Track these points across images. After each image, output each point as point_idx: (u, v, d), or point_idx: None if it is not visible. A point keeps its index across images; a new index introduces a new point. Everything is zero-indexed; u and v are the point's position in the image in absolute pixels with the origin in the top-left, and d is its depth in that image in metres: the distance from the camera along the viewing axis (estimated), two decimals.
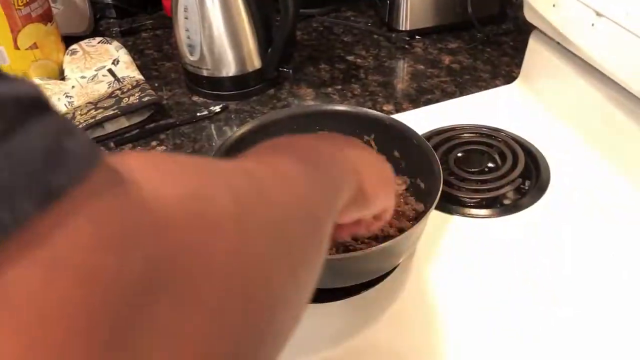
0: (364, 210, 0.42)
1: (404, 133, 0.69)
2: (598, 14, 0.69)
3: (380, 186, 0.43)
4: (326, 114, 0.71)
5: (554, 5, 0.77)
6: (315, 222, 0.27)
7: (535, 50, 0.87)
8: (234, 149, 0.64)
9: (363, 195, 0.40)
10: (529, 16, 0.84)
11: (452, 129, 0.82)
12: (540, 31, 0.84)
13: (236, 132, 0.67)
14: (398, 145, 0.70)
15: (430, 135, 0.81)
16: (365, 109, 0.73)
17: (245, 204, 0.20)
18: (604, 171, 0.75)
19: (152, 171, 0.17)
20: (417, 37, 1.05)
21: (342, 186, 0.36)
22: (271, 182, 0.25)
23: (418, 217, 0.64)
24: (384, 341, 0.57)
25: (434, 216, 0.70)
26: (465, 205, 0.72)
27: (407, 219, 0.65)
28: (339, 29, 1.09)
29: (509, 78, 0.93)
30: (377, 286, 0.62)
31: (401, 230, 0.62)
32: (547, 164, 0.77)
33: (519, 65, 0.91)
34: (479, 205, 0.72)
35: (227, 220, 0.18)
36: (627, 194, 0.71)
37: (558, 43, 0.81)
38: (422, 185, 0.68)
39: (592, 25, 0.70)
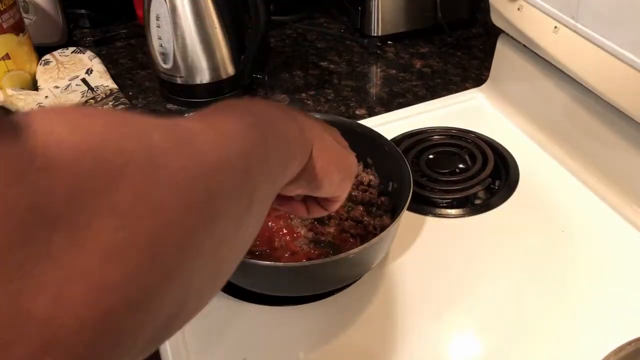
0: (311, 189, 0.43)
1: (375, 140, 0.70)
2: (558, 20, 0.71)
3: (335, 171, 0.44)
4: None
5: (518, 9, 0.79)
6: (246, 180, 0.28)
7: (503, 53, 0.89)
8: None
9: (313, 173, 0.41)
10: (495, 20, 0.86)
11: (423, 131, 0.84)
12: (507, 34, 0.86)
13: None
14: (370, 152, 0.71)
15: (402, 139, 0.83)
16: (337, 117, 0.74)
17: (158, 153, 0.21)
18: (571, 170, 0.77)
19: (56, 122, 0.19)
20: (389, 42, 1.07)
21: (290, 156, 0.36)
22: (202, 136, 0.25)
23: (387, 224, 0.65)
24: (360, 343, 0.58)
25: (407, 217, 0.71)
26: (437, 205, 0.73)
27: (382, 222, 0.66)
28: (312, 36, 1.10)
29: (479, 81, 0.95)
30: (351, 287, 0.63)
31: (382, 228, 0.63)
32: (516, 163, 0.78)
33: (488, 68, 0.94)
34: (450, 205, 0.73)
35: (132, 166, 0.20)
36: (594, 191, 0.73)
37: (524, 46, 0.84)
38: (393, 189, 0.69)
39: (555, 28, 0.73)
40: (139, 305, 0.20)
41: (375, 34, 1.05)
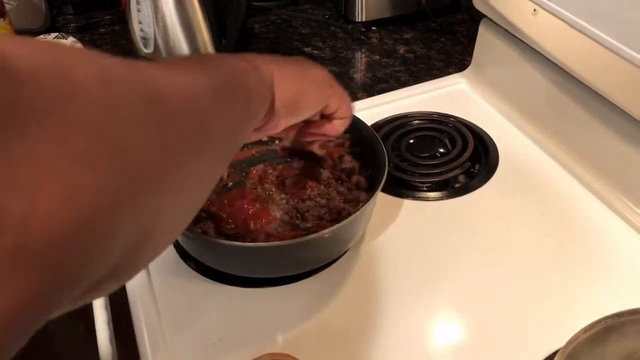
0: (295, 116, 0.46)
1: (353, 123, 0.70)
2: (537, 2, 0.71)
3: (307, 88, 0.47)
4: None
5: None
6: (201, 114, 0.29)
7: (485, 38, 0.89)
8: None
9: (286, 103, 0.43)
10: (477, 4, 0.86)
11: (404, 116, 0.84)
12: (490, 19, 0.86)
13: None
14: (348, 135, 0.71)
15: (383, 124, 0.82)
16: None
17: (114, 73, 0.23)
18: (550, 153, 0.77)
19: (16, 44, 0.20)
20: (373, 28, 1.06)
21: (249, 98, 0.38)
22: (155, 71, 0.27)
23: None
24: (336, 323, 0.58)
25: (387, 201, 0.71)
26: (417, 189, 0.74)
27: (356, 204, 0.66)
28: (297, 22, 1.10)
29: (462, 66, 0.95)
30: (328, 268, 0.63)
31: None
32: (495, 147, 0.79)
33: (471, 53, 0.93)
34: (430, 188, 0.74)
35: (92, 82, 0.21)
36: (572, 174, 0.74)
37: (506, 31, 0.83)
38: (371, 174, 0.68)
39: (534, 11, 0.73)
40: (108, 212, 0.20)
41: (359, 20, 1.05)
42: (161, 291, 0.61)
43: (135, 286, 0.61)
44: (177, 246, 0.65)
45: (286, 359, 0.49)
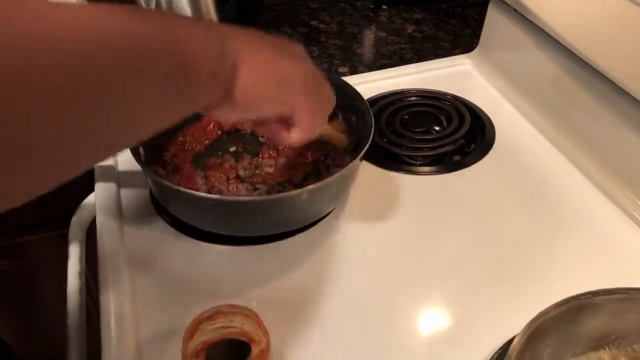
0: (245, 111, 0.41)
1: (341, 88, 0.68)
2: None
3: (272, 87, 0.41)
4: None
5: None
6: (111, 57, 0.27)
7: (494, 19, 0.86)
8: None
9: (244, 94, 0.39)
10: None
11: (401, 92, 0.82)
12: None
13: None
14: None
15: (380, 98, 0.80)
16: None
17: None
18: (549, 137, 0.74)
19: None
20: (383, 6, 1.04)
21: (187, 74, 0.34)
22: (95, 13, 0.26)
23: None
24: (303, 286, 0.56)
25: (376, 173, 0.69)
26: (407, 163, 0.71)
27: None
28: None
29: (469, 49, 0.92)
30: (306, 232, 0.61)
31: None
32: (493, 127, 0.76)
33: (480, 36, 0.91)
34: (421, 163, 0.71)
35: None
36: (570, 159, 0.71)
37: (515, 11, 0.81)
38: (357, 140, 0.66)
39: None
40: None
41: None
42: (132, 242, 0.60)
43: (105, 233, 0.61)
44: (153, 199, 0.64)
45: (244, 311, 0.48)
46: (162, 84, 0.32)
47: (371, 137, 0.61)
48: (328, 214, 0.63)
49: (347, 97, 0.67)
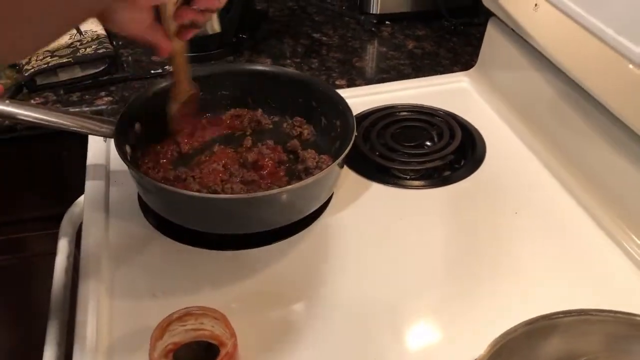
0: None
1: (315, 86, 0.72)
2: None
3: None
4: (247, 73, 0.74)
5: None
6: None
7: (492, 38, 0.87)
8: (152, 101, 0.66)
9: None
10: (486, 1, 0.84)
11: (394, 106, 0.82)
12: (498, 19, 0.84)
13: (156, 85, 0.68)
14: (316, 99, 0.72)
15: (373, 111, 0.81)
16: (283, 68, 0.76)
17: None
18: (540, 158, 0.74)
19: None
20: (387, 22, 1.05)
21: None
22: None
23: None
24: (277, 291, 0.57)
25: (364, 184, 0.70)
26: (396, 176, 0.72)
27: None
28: (312, 9, 1.10)
29: (468, 67, 0.93)
30: (288, 240, 0.62)
31: None
32: (484, 144, 0.76)
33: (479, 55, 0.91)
34: (410, 177, 0.72)
35: None
36: (560, 181, 0.70)
37: (513, 30, 0.81)
38: (340, 145, 0.67)
39: (535, 6, 0.70)
40: None
41: (373, 12, 1.04)
42: (116, 239, 0.61)
43: (90, 229, 0.62)
44: (140, 200, 0.65)
45: (213, 313, 0.48)
46: None
47: (353, 138, 0.62)
48: (312, 221, 0.64)
49: (331, 101, 0.69)
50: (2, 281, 1.08)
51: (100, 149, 0.72)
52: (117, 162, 0.70)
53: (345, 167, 0.70)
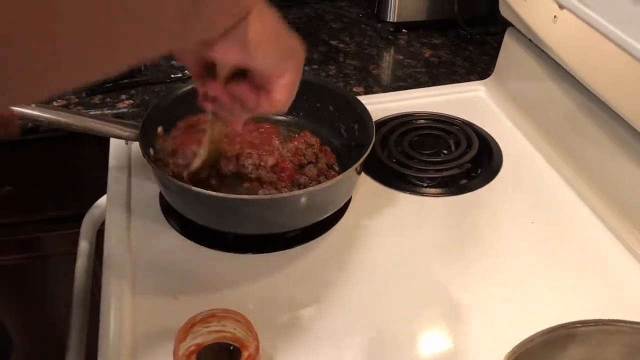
0: (244, 53, 0.40)
1: (334, 90, 0.73)
2: (560, 6, 0.70)
3: (272, 44, 0.41)
4: None
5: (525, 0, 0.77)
6: None
7: (509, 48, 0.87)
8: (174, 105, 0.68)
9: (246, 36, 0.38)
10: (503, 11, 0.84)
11: (411, 114, 0.83)
12: (515, 29, 0.85)
13: (178, 88, 0.69)
14: (334, 104, 0.73)
15: (390, 119, 0.82)
16: (315, 76, 0.77)
17: None
18: (557, 168, 0.74)
19: None
20: (403, 30, 1.06)
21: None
22: None
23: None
24: (298, 296, 0.58)
25: (382, 191, 0.71)
26: (413, 184, 0.73)
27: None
28: (329, 17, 1.11)
29: (485, 76, 0.93)
30: (307, 244, 0.63)
31: None
32: (501, 154, 0.77)
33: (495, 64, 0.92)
34: (427, 184, 0.72)
35: None
36: (576, 191, 0.71)
37: (530, 40, 0.82)
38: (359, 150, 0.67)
39: (555, 17, 0.71)
40: None
41: (390, 20, 1.05)
42: (138, 240, 0.62)
43: (113, 230, 0.63)
44: (161, 202, 0.67)
45: (236, 316, 0.49)
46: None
47: (372, 143, 0.62)
48: (330, 226, 0.64)
49: (348, 105, 0.70)
50: (19, 280, 1.10)
51: (121, 151, 0.73)
52: (137, 164, 0.71)
53: (362, 173, 0.71)
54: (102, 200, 0.75)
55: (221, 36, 0.38)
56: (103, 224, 0.73)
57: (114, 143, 0.74)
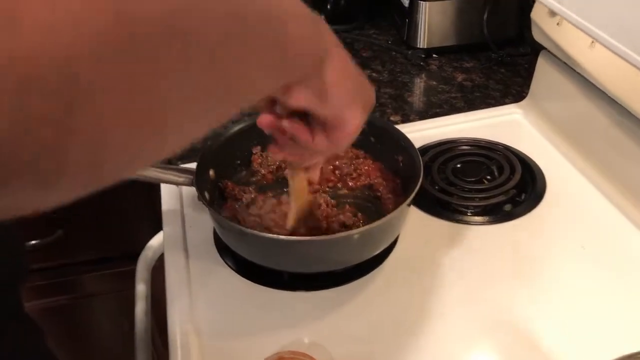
0: (317, 98, 0.39)
1: (391, 133, 0.72)
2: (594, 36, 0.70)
3: (348, 88, 0.40)
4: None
5: (558, 24, 0.78)
6: (178, 33, 0.24)
7: (544, 70, 0.88)
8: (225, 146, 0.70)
9: (322, 82, 0.37)
10: (536, 36, 0.86)
11: (452, 141, 0.84)
12: (548, 51, 0.86)
13: (229, 130, 0.71)
14: (375, 135, 0.73)
15: (432, 146, 0.83)
16: None
17: None
18: (601, 189, 0.75)
19: None
20: (434, 55, 1.08)
21: (287, 42, 0.32)
22: None
23: None
24: (361, 333, 0.59)
25: (428, 221, 0.72)
26: (459, 212, 0.73)
27: None
28: (359, 45, 1.13)
29: (519, 98, 0.94)
30: (360, 280, 0.64)
31: None
32: (544, 178, 0.77)
33: (530, 86, 0.93)
34: (473, 213, 0.73)
35: None
36: (622, 212, 0.71)
37: (565, 63, 0.83)
38: (407, 184, 0.69)
39: (592, 43, 0.72)
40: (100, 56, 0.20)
41: (421, 46, 1.07)
42: (198, 281, 0.64)
43: (173, 272, 0.65)
44: (216, 242, 0.68)
45: (304, 357, 0.50)
46: (264, 50, 0.30)
47: (421, 178, 0.64)
48: (380, 262, 0.66)
49: (392, 138, 0.71)
50: (60, 321, 1.12)
51: (174, 195, 0.75)
52: (190, 205, 0.74)
53: None
54: (153, 241, 0.78)
55: (299, 81, 0.37)
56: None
57: (165, 187, 0.77)
